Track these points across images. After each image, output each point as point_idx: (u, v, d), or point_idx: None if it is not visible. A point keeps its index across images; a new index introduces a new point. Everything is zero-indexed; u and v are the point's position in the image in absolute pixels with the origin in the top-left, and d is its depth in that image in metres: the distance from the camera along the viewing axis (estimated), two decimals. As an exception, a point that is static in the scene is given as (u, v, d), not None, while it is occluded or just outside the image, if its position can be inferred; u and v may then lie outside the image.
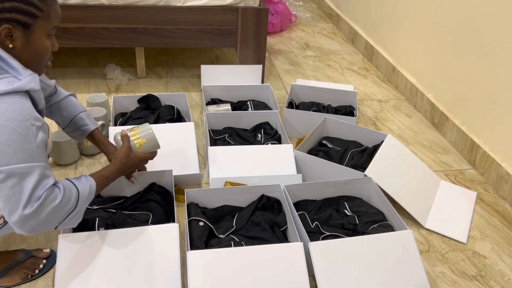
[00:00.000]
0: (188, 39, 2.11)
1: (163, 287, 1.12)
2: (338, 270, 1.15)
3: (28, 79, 0.97)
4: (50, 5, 1.01)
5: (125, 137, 1.27)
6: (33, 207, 0.92)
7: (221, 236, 1.32)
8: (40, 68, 1.07)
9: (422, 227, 1.50)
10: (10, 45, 0.98)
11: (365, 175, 1.48)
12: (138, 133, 1.29)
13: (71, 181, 1.04)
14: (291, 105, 2.02)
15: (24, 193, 0.92)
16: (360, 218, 1.40)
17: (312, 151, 1.74)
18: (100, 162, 1.70)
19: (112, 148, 1.39)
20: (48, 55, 1.05)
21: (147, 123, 1.33)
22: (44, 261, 1.26)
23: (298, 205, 1.46)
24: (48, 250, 1.29)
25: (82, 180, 1.07)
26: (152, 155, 1.31)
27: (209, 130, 1.76)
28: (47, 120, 1.86)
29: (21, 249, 1.29)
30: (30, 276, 1.22)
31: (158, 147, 1.32)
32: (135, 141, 1.27)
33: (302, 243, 1.18)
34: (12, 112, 0.91)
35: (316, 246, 1.17)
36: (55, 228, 1.00)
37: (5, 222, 1.10)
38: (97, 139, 1.39)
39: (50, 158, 1.68)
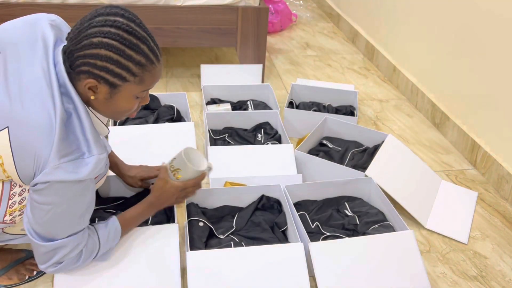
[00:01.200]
0: (188, 38, 2.11)
1: (163, 288, 1.12)
2: (338, 270, 1.15)
3: (93, 165, 0.90)
4: (148, 70, 0.92)
5: (162, 168, 1.18)
6: (55, 268, 1.01)
7: (221, 236, 1.32)
8: (118, 119, 1.03)
9: (423, 227, 1.50)
10: (92, 97, 0.92)
11: (366, 175, 1.48)
12: (174, 161, 1.16)
13: (97, 233, 1.06)
14: (291, 105, 2.01)
15: (52, 260, 1.00)
16: (361, 218, 1.39)
17: (312, 151, 1.73)
18: (100, 162, 1.69)
19: (125, 169, 1.35)
20: (129, 113, 1.00)
21: (189, 148, 1.18)
22: None
23: (299, 205, 1.45)
24: None
25: (108, 226, 1.09)
26: (196, 180, 1.18)
27: (209, 130, 1.76)
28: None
29: (22, 249, 1.28)
30: (28, 277, 1.22)
31: (198, 173, 1.17)
32: (171, 170, 1.16)
33: (302, 243, 1.18)
34: (72, 202, 0.93)
35: (317, 247, 1.16)
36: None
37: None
38: (110, 161, 1.34)
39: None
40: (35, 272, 1.23)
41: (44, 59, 0.92)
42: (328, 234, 1.34)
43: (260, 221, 1.35)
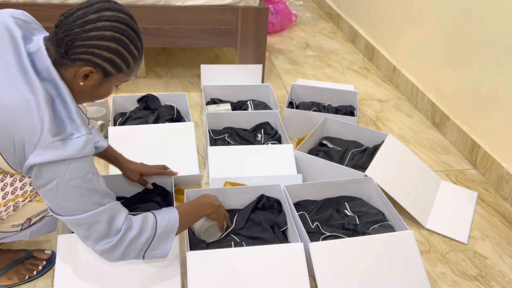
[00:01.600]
0: (188, 38, 2.11)
1: (163, 288, 1.12)
2: (338, 270, 1.15)
3: (83, 144, 0.91)
4: (137, 64, 1.01)
5: None
6: (111, 242, 0.96)
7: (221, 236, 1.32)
8: (88, 101, 1.07)
9: (423, 227, 1.50)
10: (81, 83, 0.95)
11: (366, 175, 1.48)
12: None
13: (152, 211, 1.05)
14: (291, 105, 2.01)
15: (93, 235, 0.96)
16: (361, 218, 1.39)
17: (312, 151, 1.73)
18: (100, 162, 1.69)
19: (126, 161, 1.37)
20: (102, 99, 1.05)
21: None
22: (44, 262, 1.26)
23: (299, 205, 1.45)
24: (49, 252, 1.29)
25: (162, 210, 1.07)
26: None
27: (209, 130, 1.76)
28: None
29: (22, 249, 1.28)
30: (28, 277, 1.22)
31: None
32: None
33: (302, 243, 1.18)
34: (73, 170, 0.91)
35: (316, 247, 1.16)
36: (143, 258, 1.02)
37: (21, 230, 1.13)
38: (110, 155, 1.36)
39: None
40: (35, 272, 1.23)
41: (12, 48, 0.93)
42: (328, 234, 1.34)
43: (261, 220, 1.35)
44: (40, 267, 1.24)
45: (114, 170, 1.54)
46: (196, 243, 1.25)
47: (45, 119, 0.88)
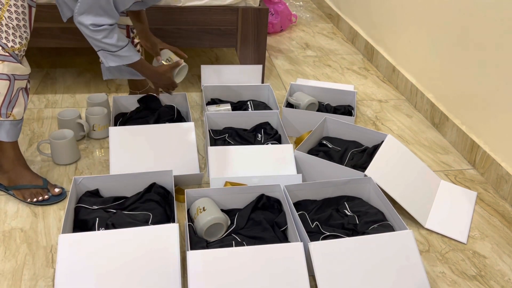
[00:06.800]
0: (188, 39, 2.11)
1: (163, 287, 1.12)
2: (338, 270, 1.15)
3: None
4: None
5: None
6: (101, 28, 1.43)
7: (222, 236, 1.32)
8: None
9: (422, 227, 1.50)
10: None
11: (365, 175, 1.48)
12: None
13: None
14: (290, 104, 2.01)
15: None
16: (360, 218, 1.40)
17: (312, 151, 1.74)
18: (101, 162, 1.70)
19: (149, 34, 1.81)
20: None
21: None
22: (46, 196, 1.46)
23: (298, 205, 1.46)
24: (58, 189, 1.49)
25: (132, 48, 1.51)
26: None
27: (209, 130, 1.76)
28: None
29: (42, 177, 1.48)
30: (29, 200, 1.45)
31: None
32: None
33: (302, 243, 1.18)
34: None
35: (316, 246, 1.17)
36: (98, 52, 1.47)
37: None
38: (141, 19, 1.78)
39: (50, 158, 1.68)
40: (35, 199, 1.45)
41: None
42: (328, 233, 1.35)
43: (261, 219, 1.35)
44: (40, 198, 1.45)
45: (114, 170, 1.55)
46: (197, 242, 1.25)
47: None
